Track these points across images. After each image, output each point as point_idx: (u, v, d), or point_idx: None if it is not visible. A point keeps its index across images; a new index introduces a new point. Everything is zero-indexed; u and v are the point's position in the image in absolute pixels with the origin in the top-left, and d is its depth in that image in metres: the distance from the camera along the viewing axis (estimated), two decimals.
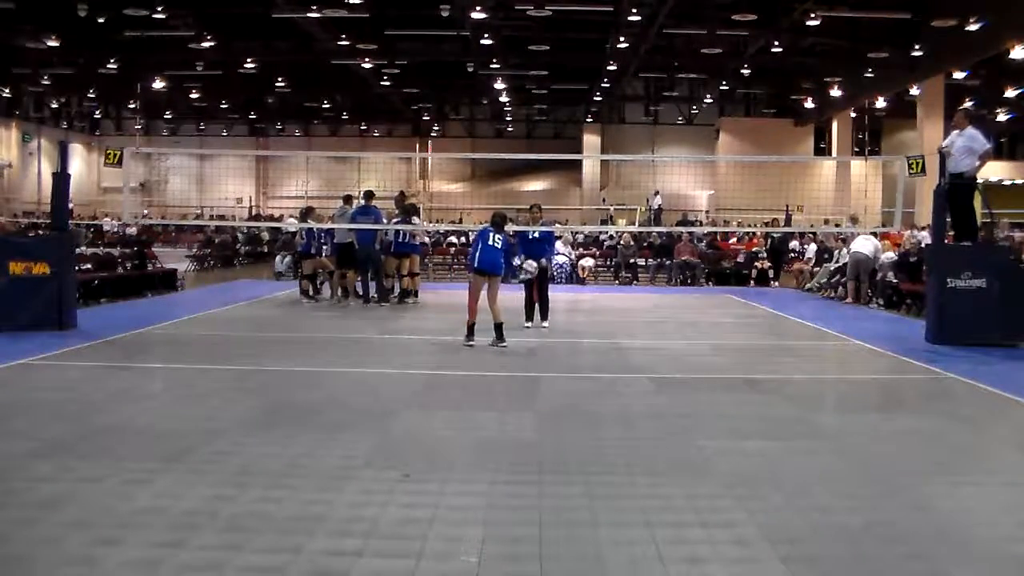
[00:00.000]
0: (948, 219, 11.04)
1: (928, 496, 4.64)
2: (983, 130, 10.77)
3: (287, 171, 43.07)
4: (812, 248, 20.70)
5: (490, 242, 9.86)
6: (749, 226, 25.90)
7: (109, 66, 27.85)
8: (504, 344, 9.48)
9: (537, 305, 11.37)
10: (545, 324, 11.32)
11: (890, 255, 15.86)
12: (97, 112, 41.64)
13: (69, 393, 6.81)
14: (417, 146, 38.44)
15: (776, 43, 23.82)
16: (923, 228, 19.45)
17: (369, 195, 14.20)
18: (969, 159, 10.49)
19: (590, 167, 38.69)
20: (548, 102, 38.82)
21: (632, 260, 21.55)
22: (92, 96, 37.77)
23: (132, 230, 24.92)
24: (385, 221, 14.33)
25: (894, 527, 4.15)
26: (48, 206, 13.73)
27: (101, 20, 22.36)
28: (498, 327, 9.58)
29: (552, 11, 21.74)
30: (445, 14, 22.03)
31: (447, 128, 42.47)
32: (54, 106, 39.39)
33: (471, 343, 9.59)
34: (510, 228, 10.98)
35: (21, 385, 7.20)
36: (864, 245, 15.52)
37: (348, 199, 15.08)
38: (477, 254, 9.89)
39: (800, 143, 34.95)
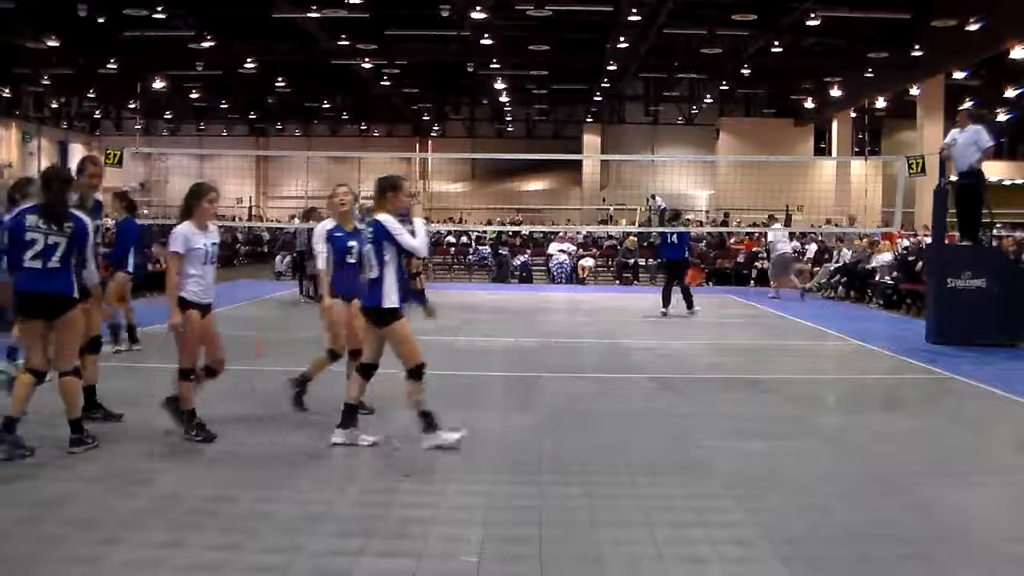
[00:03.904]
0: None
1: (928, 496, 4.64)
2: (988, 128, 10.74)
3: (287, 171, 42.98)
4: (812, 248, 20.70)
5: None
6: (752, 226, 25.85)
7: (109, 66, 27.78)
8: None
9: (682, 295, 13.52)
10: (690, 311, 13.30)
11: (887, 256, 15.92)
12: (97, 112, 41.56)
13: None
14: (417, 146, 38.33)
15: (776, 43, 23.75)
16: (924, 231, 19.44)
17: None
18: (973, 154, 10.38)
19: (590, 167, 38.58)
20: (548, 102, 38.73)
21: (632, 261, 21.57)
22: (92, 96, 37.70)
23: None
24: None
25: (894, 527, 4.15)
26: None
27: (101, 20, 22.32)
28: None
29: (552, 11, 21.69)
30: (445, 14, 22.01)
31: (447, 128, 42.39)
32: (54, 106, 39.31)
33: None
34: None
35: None
36: (785, 244, 17.30)
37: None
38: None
39: (800, 143, 34.88)
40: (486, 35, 23.66)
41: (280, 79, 32.62)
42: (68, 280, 5.13)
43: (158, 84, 31.47)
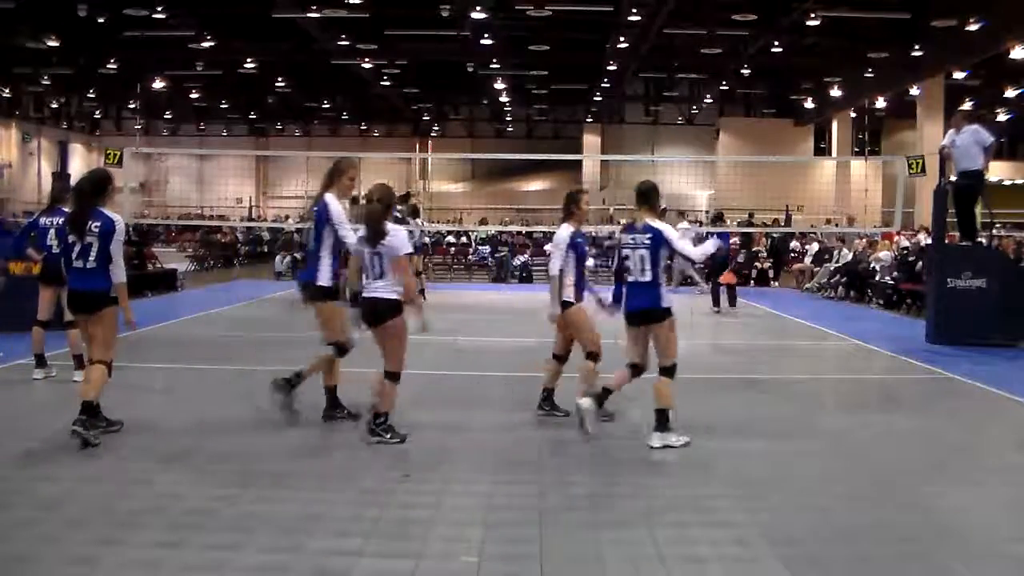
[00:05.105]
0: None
1: (928, 496, 4.64)
2: (987, 126, 10.71)
3: (287, 171, 42.99)
4: (815, 247, 20.70)
5: None
6: (756, 226, 25.87)
7: (109, 66, 27.81)
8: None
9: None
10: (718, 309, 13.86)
11: (887, 255, 15.94)
12: (97, 112, 41.56)
13: (69, 393, 6.80)
14: (417, 146, 38.32)
15: (776, 43, 23.77)
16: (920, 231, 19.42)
17: None
18: (976, 155, 10.32)
19: (590, 167, 38.56)
20: (548, 102, 38.73)
21: None
22: (92, 96, 37.70)
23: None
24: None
25: (894, 527, 4.15)
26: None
27: (101, 20, 22.33)
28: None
29: (552, 11, 21.70)
30: (445, 14, 22.01)
31: (447, 128, 42.39)
32: (54, 106, 39.30)
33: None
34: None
35: (22, 385, 7.21)
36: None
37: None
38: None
39: (800, 143, 34.89)
40: (486, 35, 23.65)
41: (280, 79, 32.62)
42: (104, 278, 5.50)
43: (158, 84, 31.47)
